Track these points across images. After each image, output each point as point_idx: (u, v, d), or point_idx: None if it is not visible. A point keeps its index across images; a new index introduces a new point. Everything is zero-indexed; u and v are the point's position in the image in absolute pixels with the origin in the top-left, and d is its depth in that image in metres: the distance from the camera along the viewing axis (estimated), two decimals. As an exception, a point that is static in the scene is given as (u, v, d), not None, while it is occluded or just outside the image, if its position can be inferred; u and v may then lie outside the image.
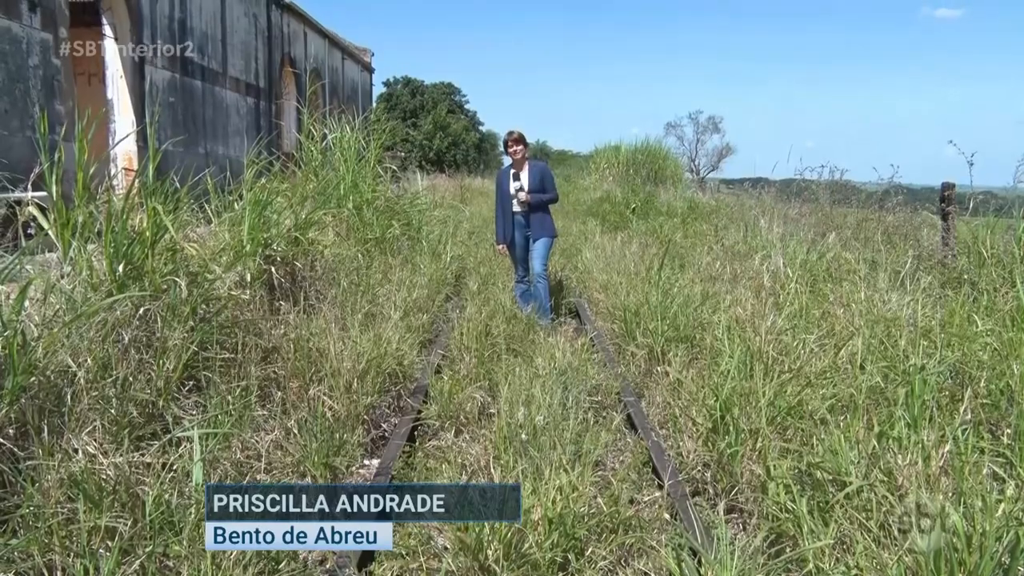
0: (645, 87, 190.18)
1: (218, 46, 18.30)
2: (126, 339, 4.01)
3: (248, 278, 5.38)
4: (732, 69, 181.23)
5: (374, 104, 41.21)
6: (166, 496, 3.17)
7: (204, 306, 4.77)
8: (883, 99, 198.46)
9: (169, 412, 3.97)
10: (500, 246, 8.48)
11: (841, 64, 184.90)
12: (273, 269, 5.87)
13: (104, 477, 3.25)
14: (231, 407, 4.18)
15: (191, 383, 4.33)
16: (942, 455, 3.38)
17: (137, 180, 4.96)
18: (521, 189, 8.08)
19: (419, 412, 5.35)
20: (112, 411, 3.64)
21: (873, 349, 4.91)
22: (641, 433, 4.95)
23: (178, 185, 5.21)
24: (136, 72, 14.46)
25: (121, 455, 3.38)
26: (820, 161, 19.87)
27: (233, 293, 5.07)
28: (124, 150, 13.90)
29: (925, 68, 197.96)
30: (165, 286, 4.43)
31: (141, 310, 4.22)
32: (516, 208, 8.25)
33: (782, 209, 11.75)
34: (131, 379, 3.87)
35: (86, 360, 3.71)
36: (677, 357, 5.89)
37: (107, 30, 14.10)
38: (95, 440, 3.44)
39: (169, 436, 3.63)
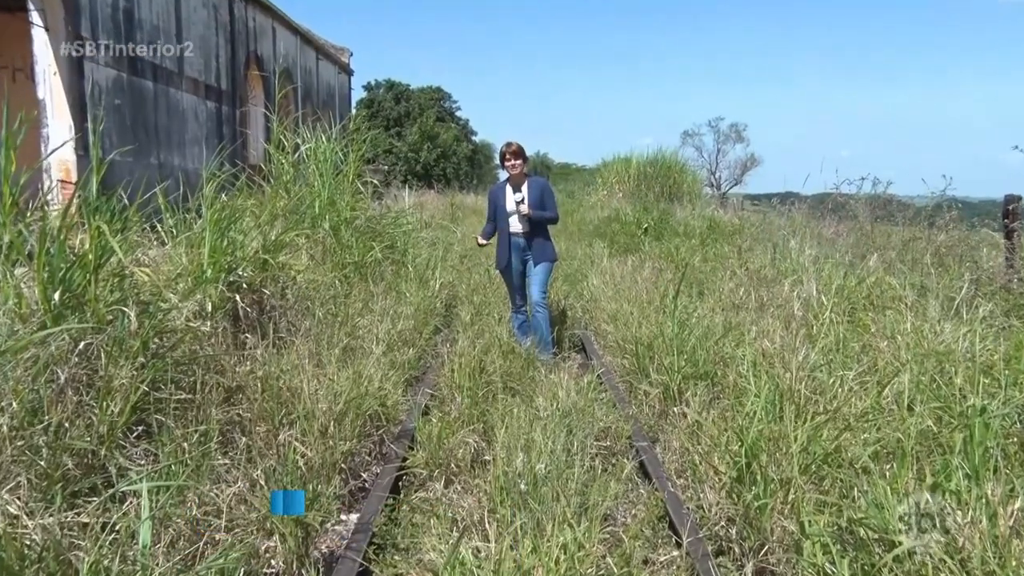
0: (658, 92, 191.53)
1: (172, 41, 17.92)
2: (62, 378, 3.93)
3: (209, 308, 5.36)
4: (757, 69, 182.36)
5: (353, 110, 41.39)
6: (105, 562, 3.04)
7: (157, 340, 4.73)
8: (933, 98, 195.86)
9: (113, 462, 3.87)
10: (483, 241, 8.62)
11: (883, 59, 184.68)
12: (238, 297, 5.85)
13: (29, 542, 3.11)
14: (187, 455, 4.12)
15: (140, 428, 4.26)
16: (1012, 513, 3.29)
17: (77, 194, 4.91)
18: (522, 202, 8.08)
19: (404, 459, 5.31)
20: (42, 463, 3.55)
21: (923, 388, 4.86)
22: (656, 483, 4.91)
23: (127, 201, 5.19)
24: (73, 69, 13.91)
25: (51, 515, 3.26)
26: (858, 172, 19.96)
27: (191, 325, 5.04)
28: (60, 159, 13.40)
29: (984, 61, 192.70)
30: (111, 317, 4.38)
31: (81, 344, 4.15)
32: (514, 227, 8.25)
33: (815, 228, 11.78)
34: (67, 425, 3.79)
35: (11, 404, 3.63)
36: (696, 396, 5.86)
37: (35, 17, 13.37)
38: (18, 499, 3.31)
39: (112, 491, 3.53)
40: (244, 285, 6.06)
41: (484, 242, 8.61)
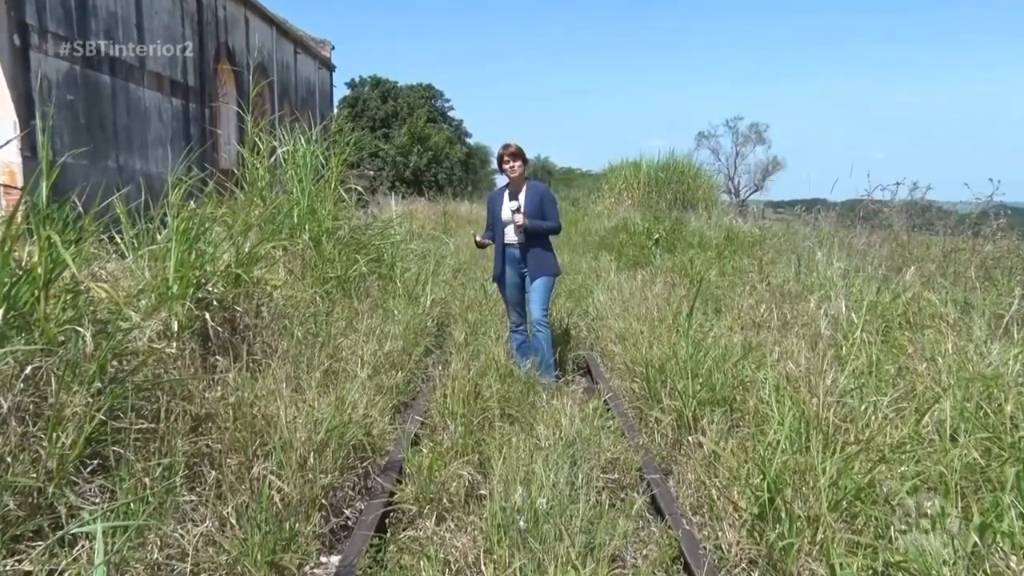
0: (670, 90, 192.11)
1: (132, 32, 17.67)
2: (5, 407, 3.86)
3: (175, 327, 5.33)
4: (779, 63, 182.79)
5: (335, 110, 41.53)
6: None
7: (116, 363, 4.69)
8: (978, 96, 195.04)
9: (62, 501, 3.80)
10: (481, 239, 8.62)
11: (922, 52, 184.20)
12: (208, 315, 5.82)
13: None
14: (148, 492, 4.08)
15: (95, 462, 4.21)
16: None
17: (24, 201, 4.85)
18: (517, 211, 8.06)
19: (391, 494, 5.29)
20: (-23, 504, 3.50)
21: (968, 416, 4.83)
22: (669, 520, 4.89)
23: (81, 209, 5.17)
24: (17, 59, 13.56)
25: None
26: (893, 176, 19.91)
27: (155, 346, 5.01)
28: (3, 161, 13.13)
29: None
30: (63, 338, 4.34)
31: (28, 368, 4.09)
32: (510, 238, 8.23)
33: (844, 238, 11.76)
34: (9, 460, 3.73)
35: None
36: (713, 424, 5.84)
37: (-34, -1, 12.94)
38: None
39: (61, 533, 3.48)
40: (214, 302, 6.04)
41: (482, 240, 8.59)
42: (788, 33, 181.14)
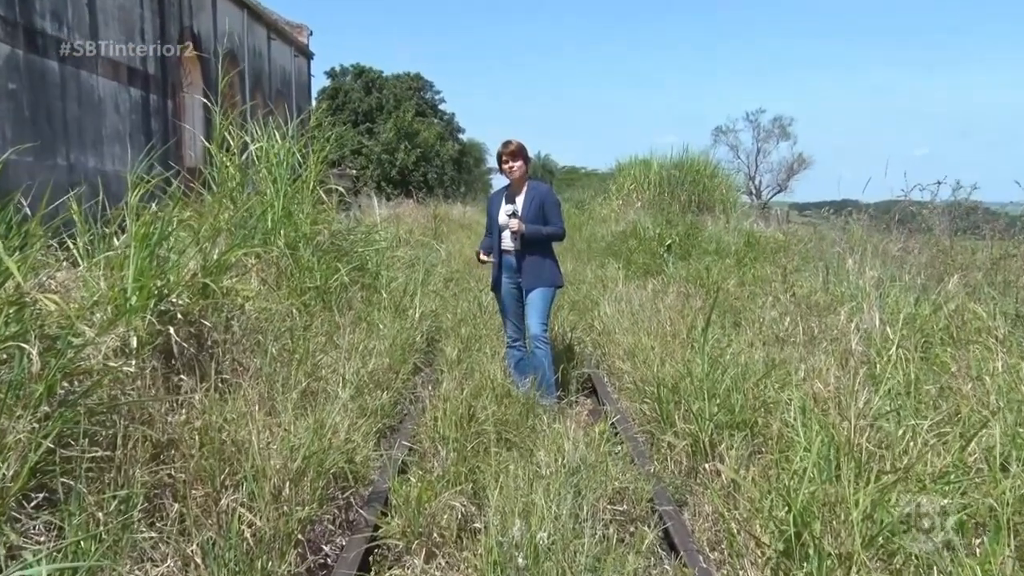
0: (684, 82, 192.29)
1: (83, 13, 17.35)
2: (-65, 436, 3.84)
3: (134, 343, 5.31)
4: (806, 53, 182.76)
5: (314, 102, 41.60)
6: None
7: (66, 383, 4.66)
8: None
9: (2, 540, 3.76)
10: (484, 256, 8.56)
11: (963, 35, 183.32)
12: (172, 330, 5.80)
13: None
14: (102, 528, 4.04)
15: (41, 495, 4.17)
16: None
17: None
18: (514, 214, 8.06)
19: (376, 528, 5.27)
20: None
21: (1020, 442, 4.82)
22: (684, 557, 4.87)
23: (28, 211, 5.14)
24: None
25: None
26: (934, 175, 19.87)
27: (111, 364, 4.99)
28: None
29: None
30: (6, 356, 4.33)
31: (-37, 390, 4.08)
32: (506, 244, 8.23)
33: (878, 243, 11.74)
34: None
35: None
36: (732, 450, 5.83)
37: None
38: None
39: (-2, 576, 3.47)
40: (179, 315, 6.02)
41: (486, 258, 8.57)
42: (816, 22, 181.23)
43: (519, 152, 8.16)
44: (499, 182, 8.47)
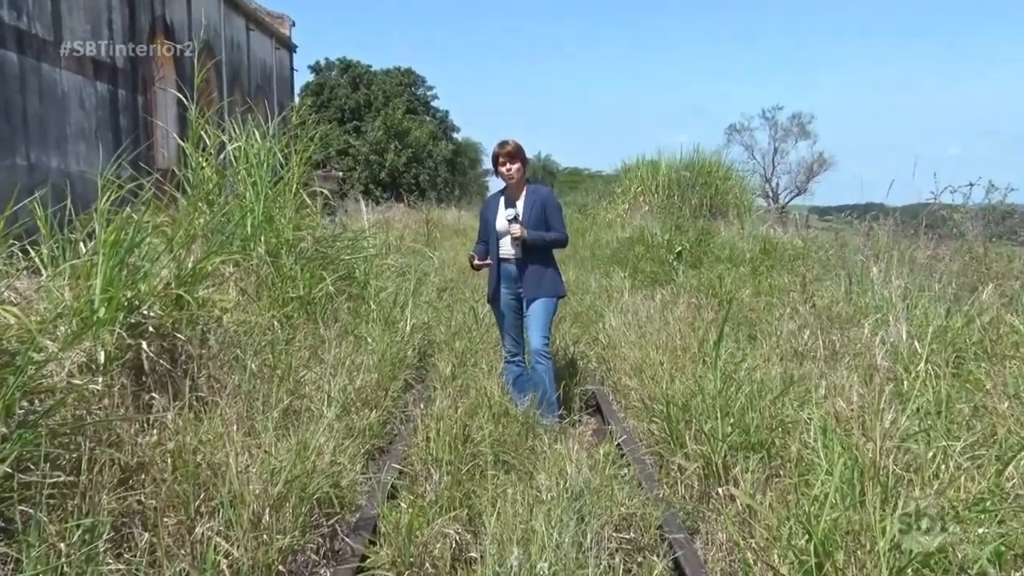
0: (695, 77, 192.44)
1: (45, 1, 17.27)
2: None
3: (101, 358, 5.30)
4: (827, 47, 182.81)
5: (296, 98, 41.64)
6: None
7: (26, 403, 4.66)
8: None
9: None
10: (479, 261, 8.48)
11: (1000, 23, 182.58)
12: (143, 344, 5.79)
13: None
14: (64, 560, 4.03)
15: (-3, 524, 4.18)
16: None
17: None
18: (515, 219, 8.04)
19: (363, 558, 5.25)
20: None
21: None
22: (697, 590, 4.84)
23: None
24: None
25: None
26: (966, 176, 19.82)
27: (76, 382, 4.97)
28: None
29: None
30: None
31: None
32: (505, 251, 8.22)
33: (905, 250, 11.73)
34: None
35: None
36: (747, 473, 5.82)
37: None
38: None
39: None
40: (151, 328, 6.02)
41: (480, 262, 8.47)
42: (837, 15, 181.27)
43: (517, 153, 8.14)
44: (496, 185, 8.43)
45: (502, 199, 8.24)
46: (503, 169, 8.15)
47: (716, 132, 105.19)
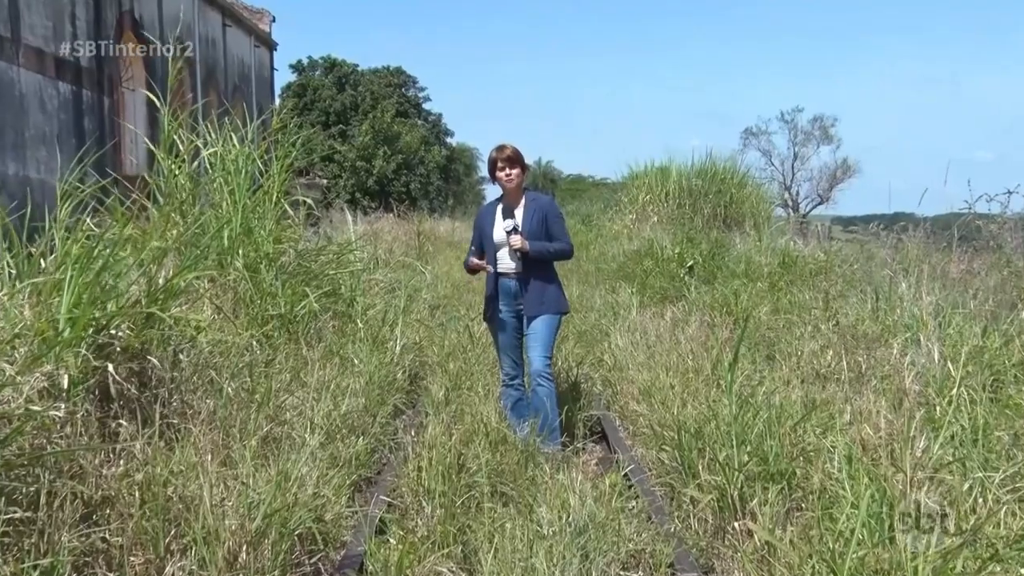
0: (707, 75, 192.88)
1: None
2: None
3: (64, 382, 5.26)
4: (850, 46, 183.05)
5: (277, 100, 41.70)
6: None
7: (-23, 432, 4.62)
8: None
9: None
10: (476, 261, 8.41)
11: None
12: (110, 367, 5.76)
13: None
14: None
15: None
16: None
17: None
18: (515, 230, 8.03)
19: (348, 600, 5.23)
20: None
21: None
22: (712, 634, 4.83)
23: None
24: None
25: None
26: (1003, 183, 19.81)
27: (35, 408, 4.94)
28: None
29: None
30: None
31: None
32: (504, 265, 8.21)
33: (937, 264, 11.72)
34: None
35: None
36: (766, 506, 5.79)
37: None
38: None
39: None
40: (119, 349, 5.99)
41: (478, 262, 8.37)
42: (859, 12, 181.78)
43: (516, 157, 8.13)
44: (493, 193, 8.41)
45: (499, 208, 8.23)
46: (501, 175, 8.15)
47: (731, 136, 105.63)
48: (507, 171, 8.13)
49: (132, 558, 4.79)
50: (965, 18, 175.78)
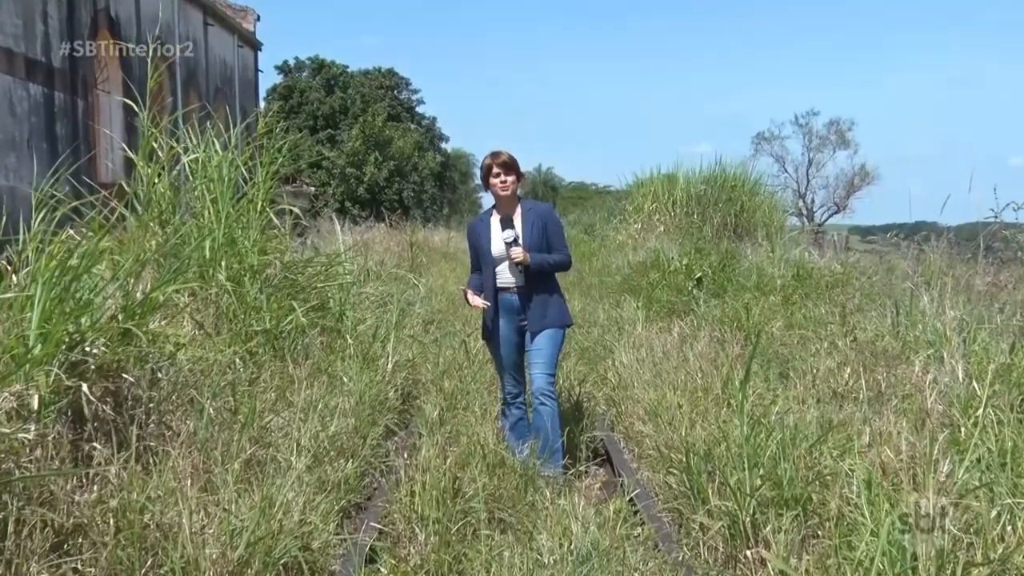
0: (717, 77, 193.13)
1: None
2: None
3: (35, 403, 5.25)
4: (865, 36, 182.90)
5: (262, 103, 41.75)
6: None
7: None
8: None
9: None
10: (476, 300, 8.29)
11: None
12: (84, 386, 5.74)
13: None
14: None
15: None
16: None
17: None
18: (515, 242, 8.01)
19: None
20: None
21: None
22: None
23: None
24: None
25: None
26: (1032, 190, 19.75)
27: (3, 431, 4.93)
28: None
29: None
30: None
31: None
32: (504, 280, 8.19)
33: (961, 276, 11.69)
34: None
35: None
36: (780, 533, 5.77)
37: None
38: None
39: None
40: (93, 367, 5.97)
41: (479, 303, 8.27)
42: (879, 11, 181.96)
43: (510, 164, 8.11)
44: (489, 201, 8.37)
45: (493, 220, 8.20)
46: (496, 181, 8.12)
47: (742, 141, 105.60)
48: (502, 178, 8.10)
49: (106, 589, 4.78)
50: (996, 12, 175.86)
